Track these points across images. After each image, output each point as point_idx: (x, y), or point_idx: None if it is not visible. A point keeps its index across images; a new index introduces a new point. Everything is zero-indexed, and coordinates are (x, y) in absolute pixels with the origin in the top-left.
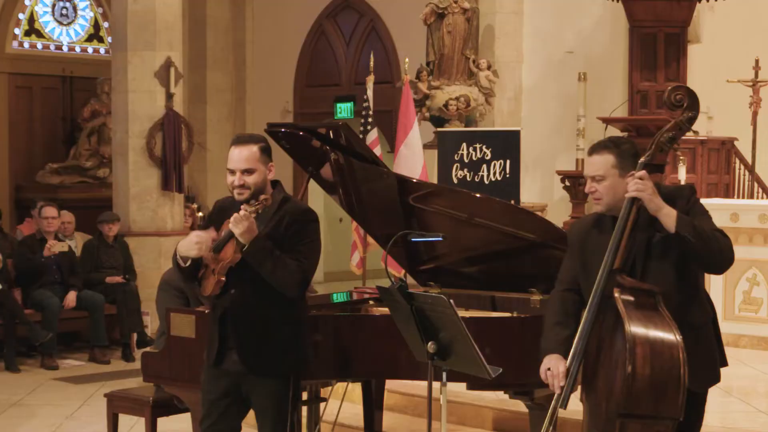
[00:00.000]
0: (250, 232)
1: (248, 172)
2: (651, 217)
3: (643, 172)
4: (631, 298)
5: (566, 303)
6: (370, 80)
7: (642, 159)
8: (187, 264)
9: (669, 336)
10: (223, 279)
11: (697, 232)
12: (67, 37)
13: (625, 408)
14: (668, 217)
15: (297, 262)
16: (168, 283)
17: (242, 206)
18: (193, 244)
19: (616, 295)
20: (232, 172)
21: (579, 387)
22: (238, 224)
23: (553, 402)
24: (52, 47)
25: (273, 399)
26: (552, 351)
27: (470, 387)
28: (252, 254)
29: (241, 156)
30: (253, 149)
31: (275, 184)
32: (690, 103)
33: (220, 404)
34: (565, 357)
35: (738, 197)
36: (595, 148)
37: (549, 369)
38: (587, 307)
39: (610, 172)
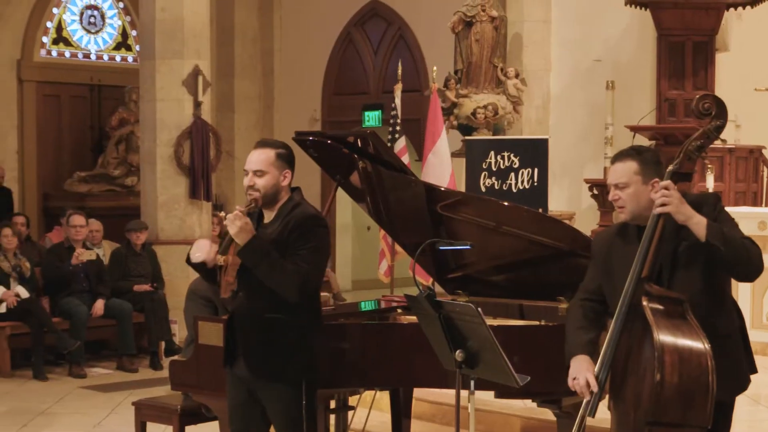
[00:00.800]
0: (245, 233)
1: (259, 173)
2: (678, 225)
3: (668, 182)
4: (659, 307)
5: (587, 310)
6: (398, 88)
7: (670, 167)
8: (198, 266)
9: (697, 344)
10: (231, 280)
11: (727, 240)
12: (95, 45)
13: (653, 416)
14: (698, 225)
15: (296, 266)
16: (195, 293)
17: (237, 207)
18: (197, 248)
19: (644, 303)
20: (246, 172)
21: (607, 395)
22: (232, 224)
23: (581, 410)
24: (80, 56)
25: (283, 405)
26: (577, 353)
27: (498, 395)
28: (246, 255)
29: (255, 158)
30: (269, 153)
31: (294, 190)
32: (718, 112)
33: (241, 410)
34: (590, 357)
35: (766, 205)
36: (618, 156)
37: (576, 378)
38: (615, 315)
39: (633, 179)
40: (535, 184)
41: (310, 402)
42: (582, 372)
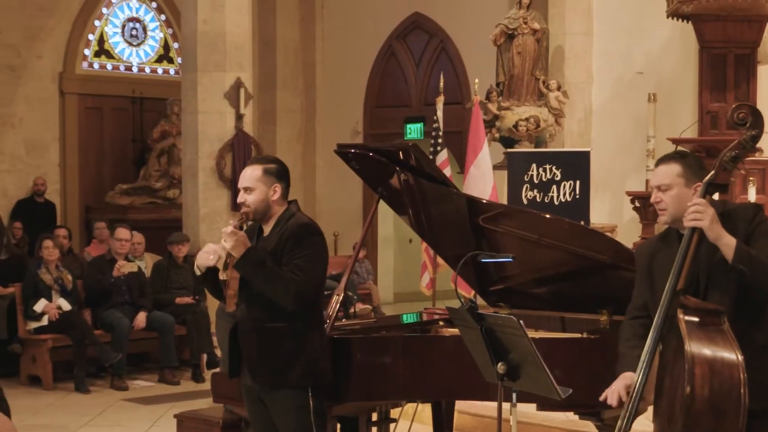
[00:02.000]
0: (240, 246)
1: (248, 190)
2: None
3: (701, 200)
4: (695, 319)
5: (636, 328)
6: (440, 101)
7: (705, 178)
8: (202, 274)
9: (730, 356)
10: (232, 293)
11: (753, 264)
12: (137, 57)
13: (685, 429)
14: (727, 247)
15: (291, 275)
16: (223, 310)
17: (230, 222)
18: (203, 254)
19: (680, 315)
20: (238, 189)
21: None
22: (227, 239)
23: (618, 422)
24: (122, 68)
25: (289, 411)
26: (626, 369)
27: (540, 408)
28: (242, 267)
29: (244, 175)
30: (256, 169)
31: (291, 202)
32: (753, 122)
33: (258, 419)
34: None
35: None
36: (662, 159)
37: (611, 388)
38: (651, 328)
39: (675, 182)
40: (577, 196)
41: (318, 407)
42: (617, 383)
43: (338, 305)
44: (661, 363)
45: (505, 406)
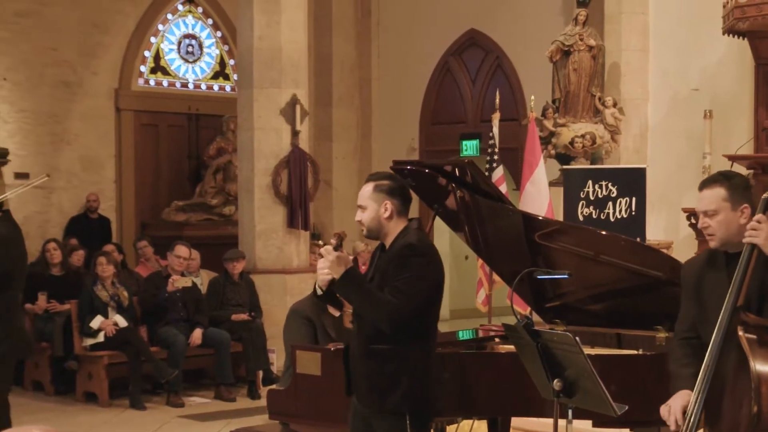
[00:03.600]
0: (339, 266)
1: (362, 208)
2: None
3: (761, 215)
4: (755, 336)
5: (686, 348)
6: (496, 117)
7: (765, 194)
8: (323, 293)
9: None
10: (348, 310)
11: None
12: (193, 74)
13: None
14: None
15: (389, 297)
16: (296, 312)
17: (331, 239)
18: (319, 272)
19: (741, 333)
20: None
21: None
22: (324, 260)
23: None
24: (177, 85)
25: None
26: (680, 388)
27: (596, 424)
28: (340, 287)
29: (359, 192)
30: (368, 186)
31: (411, 220)
32: None
33: None
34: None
35: None
36: (706, 183)
37: (667, 406)
38: (710, 345)
39: (721, 206)
40: (633, 213)
41: None
42: (675, 402)
43: None
44: (714, 381)
45: (561, 422)
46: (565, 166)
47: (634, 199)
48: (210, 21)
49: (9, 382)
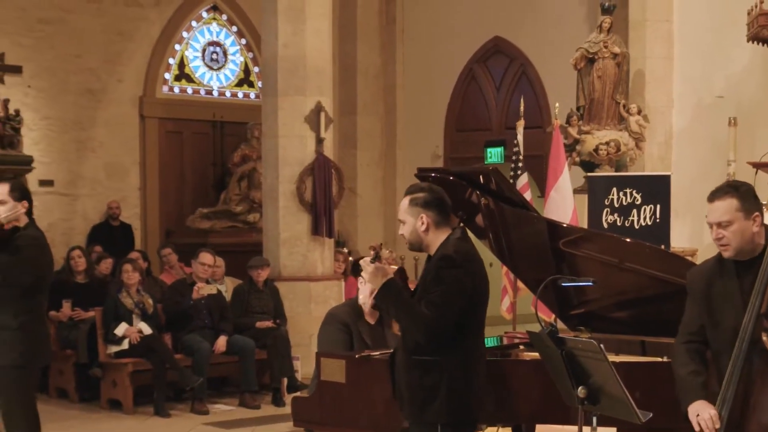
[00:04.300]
0: (377, 278)
1: (402, 222)
2: None
3: None
4: None
5: (693, 353)
6: (521, 125)
7: None
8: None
9: None
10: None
11: None
12: (218, 82)
13: None
14: None
15: (424, 310)
16: (334, 316)
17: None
18: (361, 288)
19: (765, 339)
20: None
21: None
22: (364, 273)
23: None
24: (202, 92)
25: None
26: (695, 398)
27: (620, 431)
28: (379, 298)
29: (399, 206)
30: (405, 201)
31: (454, 230)
32: None
33: None
34: (707, 401)
35: None
36: (716, 194)
37: (699, 415)
38: (734, 352)
39: (735, 216)
40: (657, 220)
41: None
42: (705, 408)
43: None
44: (737, 388)
45: (586, 429)
46: (589, 174)
47: (658, 206)
48: (234, 28)
49: (34, 389)
